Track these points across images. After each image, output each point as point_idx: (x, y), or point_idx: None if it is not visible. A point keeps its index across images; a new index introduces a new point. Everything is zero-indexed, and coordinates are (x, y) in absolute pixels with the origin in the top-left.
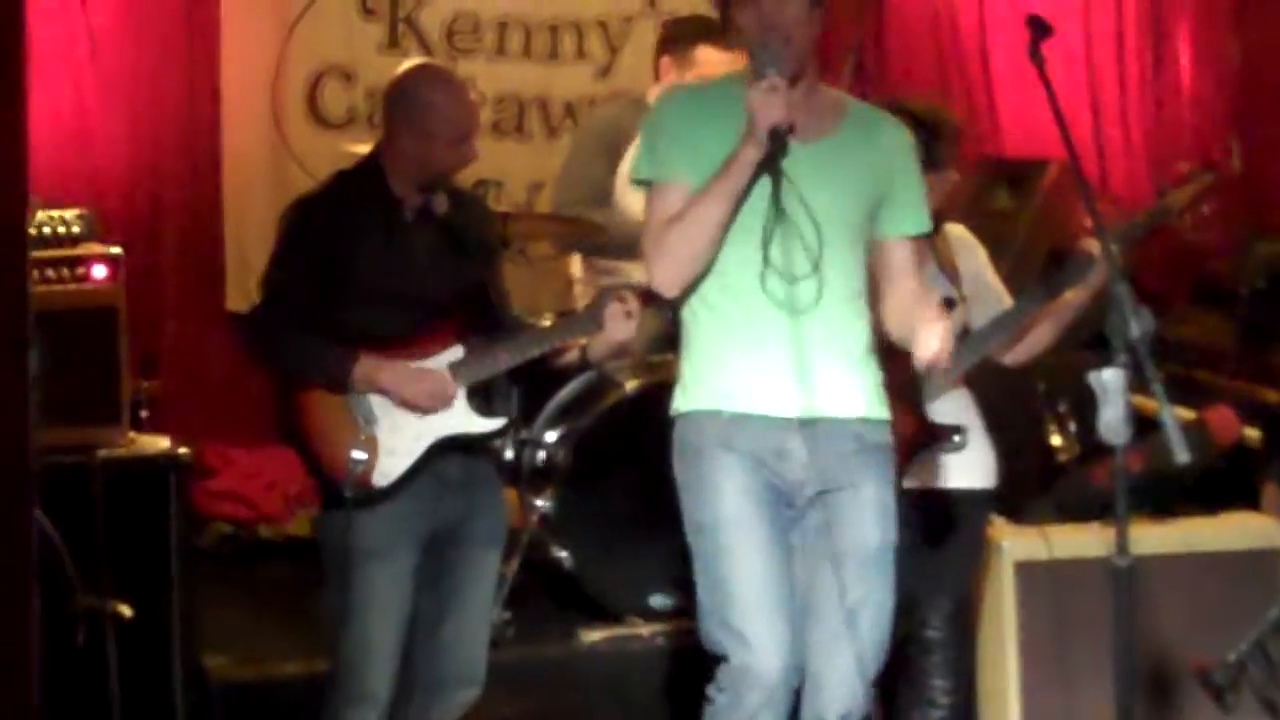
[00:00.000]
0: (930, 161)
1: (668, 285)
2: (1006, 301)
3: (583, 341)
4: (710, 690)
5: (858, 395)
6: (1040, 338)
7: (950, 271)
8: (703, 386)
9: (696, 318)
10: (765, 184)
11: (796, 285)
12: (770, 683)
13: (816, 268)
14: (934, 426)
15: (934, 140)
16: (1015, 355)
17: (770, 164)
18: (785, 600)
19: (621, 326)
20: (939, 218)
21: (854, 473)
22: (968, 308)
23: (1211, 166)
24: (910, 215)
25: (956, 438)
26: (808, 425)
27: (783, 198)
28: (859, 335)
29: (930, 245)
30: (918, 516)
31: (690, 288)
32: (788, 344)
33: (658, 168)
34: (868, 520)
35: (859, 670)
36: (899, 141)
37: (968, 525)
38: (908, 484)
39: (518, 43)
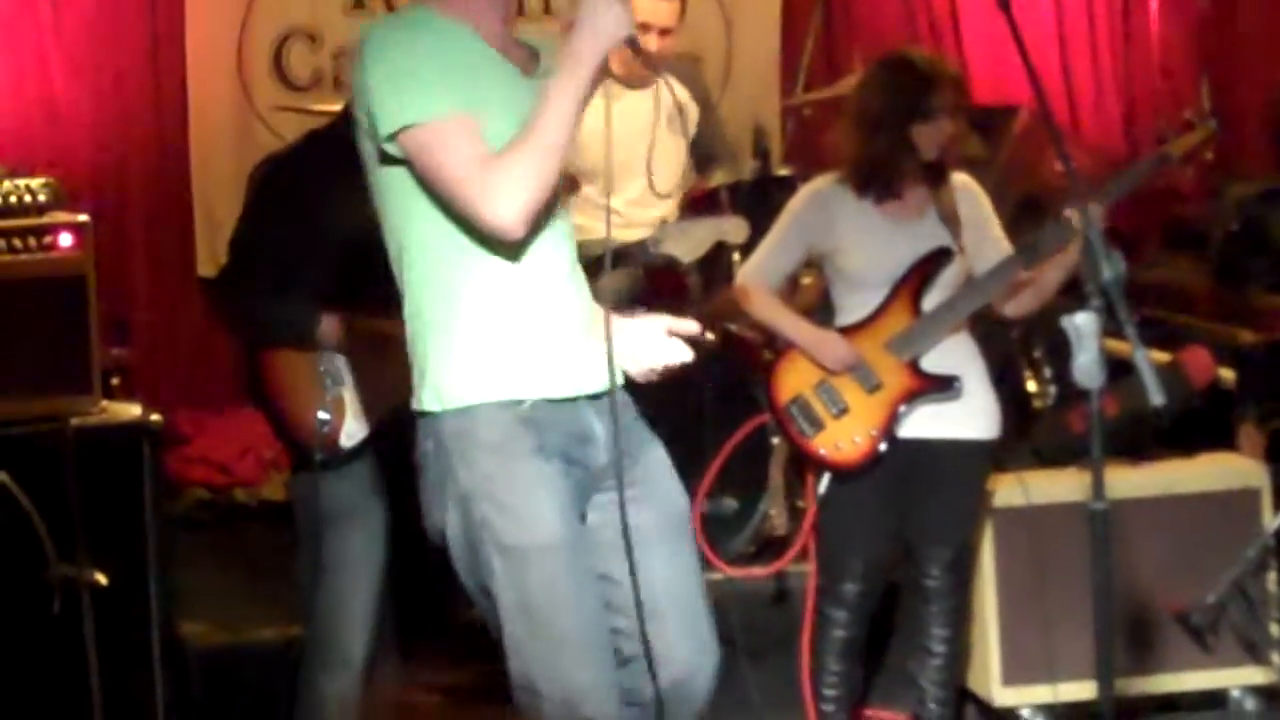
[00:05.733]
0: (922, 112)
1: (523, 222)
2: (1007, 250)
3: None
4: None
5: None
6: (1047, 286)
7: (952, 220)
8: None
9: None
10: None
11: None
12: None
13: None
14: (927, 376)
15: (927, 91)
16: (1019, 305)
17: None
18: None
19: None
20: (940, 167)
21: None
22: (969, 257)
23: (1213, 115)
24: None
25: (954, 386)
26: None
27: None
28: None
29: (932, 194)
30: (915, 466)
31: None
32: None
33: (438, 104)
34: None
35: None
36: None
37: (966, 475)
38: (904, 434)
39: None
